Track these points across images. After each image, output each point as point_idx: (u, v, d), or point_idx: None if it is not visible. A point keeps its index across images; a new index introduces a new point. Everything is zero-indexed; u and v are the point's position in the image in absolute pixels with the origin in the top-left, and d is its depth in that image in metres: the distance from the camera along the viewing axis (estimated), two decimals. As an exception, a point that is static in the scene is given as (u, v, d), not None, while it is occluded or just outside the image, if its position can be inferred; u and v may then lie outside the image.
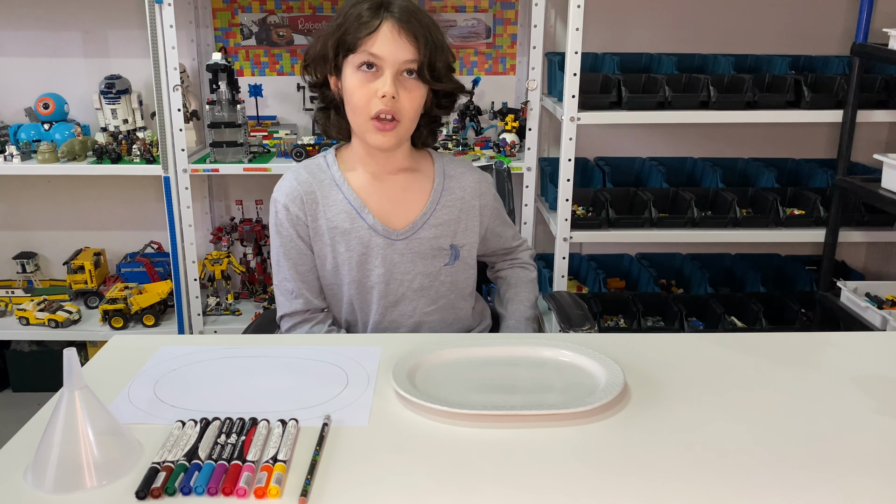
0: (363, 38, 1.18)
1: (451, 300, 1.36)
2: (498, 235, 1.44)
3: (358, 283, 1.32)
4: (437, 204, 1.32)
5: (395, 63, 1.18)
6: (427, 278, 1.33)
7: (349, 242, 1.29)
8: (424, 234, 1.31)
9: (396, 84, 1.19)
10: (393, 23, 1.17)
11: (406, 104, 1.21)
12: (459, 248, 1.34)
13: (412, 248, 1.31)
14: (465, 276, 1.38)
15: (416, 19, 1.19)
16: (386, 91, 1.18)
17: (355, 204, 1.29)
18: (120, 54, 2.51)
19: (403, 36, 1.17)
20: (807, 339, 1.19)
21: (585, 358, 1.06)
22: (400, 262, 1.31)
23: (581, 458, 0.83)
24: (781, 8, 2.49)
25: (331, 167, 1.32)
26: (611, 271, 2.59)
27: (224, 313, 2.52)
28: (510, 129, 2.40)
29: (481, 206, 1.37)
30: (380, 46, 1.17)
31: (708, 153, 2.59)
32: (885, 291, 2.06)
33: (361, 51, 1.18)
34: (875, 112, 2.14)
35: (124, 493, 0.77)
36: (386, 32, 1.17)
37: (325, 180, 1.30)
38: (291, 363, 1.07)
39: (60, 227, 2.69)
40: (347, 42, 1.19)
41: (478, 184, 1.37)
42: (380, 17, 1.18)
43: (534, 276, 1.50)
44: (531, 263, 1.52)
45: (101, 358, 1.10)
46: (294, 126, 2.57)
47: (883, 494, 0.78)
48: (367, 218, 1.28)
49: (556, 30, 2.50)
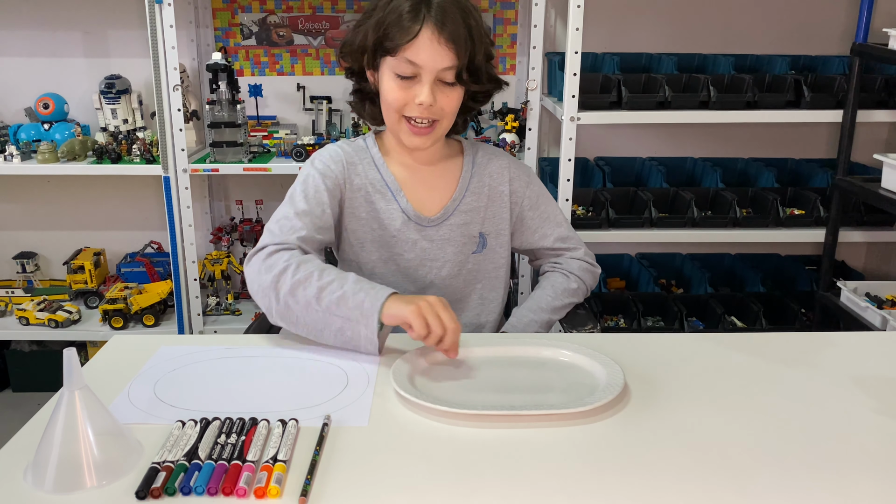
0: (403, 44, 1.15)
1: (477, 289, 1.36)
2: (534, 231, 1.39)
3: (384, 263, 1.31)
4: (466, 190, 1.32)
5: (433, 71, 1.17)
6: (455, 266, 1.33)
7: (381, 221, 1.29)
8: (454, 220, 1.32)
9: (434, 89, 1.18)
10: (433, 27, 1.14)
11: (445, 107, 1.21)
12: (487, 235, 1.34)
13: (442, 235, 1.31)
14: (494, 265, 1.37)
15: (455, 20, 1.15)
16: (423, 100, 1.18)
17: (392, 186, 1.29)
18: (120, 54, 2.51)
19: (443, 43, 1.15)
20: (807, 339, 1.19)
21: (585, 358, 1.06)
22: (430, 249, 1.31)
23: (581, 458, 0.83)
24: (781, 8, 2.49)
25: (371, 149, 1.32)
26: (611, 271, 2.59)
27: (224, 313, 2.52)
28: (510, 129, 2.40)
29: (511, 193, 1.35)
30: (420, 54, 1.15)
31: (708, 153, 2.59)
32: (885, 291, 2.06)
33: (400, 57, 1.16)
34: (875, 112, 2.14)
35: (124, 493, 0.77)
36: (425, 39, 1.14)
37: (365, 159, 1.31)
38: (291, 363, 1.07)
39: (60, 227, 2.69)
40: (385, 45, 1.17)
41: (506, 170, 1.35)
42: (420, 20, 1.14)
43: (574, 286, 1.39)
44: (576, 275, 1.40)
45: (101, 358, 1.10)
46: (294, 126, 2.57)
47: (883, 494, 0.78)
48: (402, 201, 1.29)
49: (556, 30, 2.50)
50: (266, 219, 2.63)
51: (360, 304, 1.05)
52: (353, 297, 1.05)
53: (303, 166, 1.31)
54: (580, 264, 1.43)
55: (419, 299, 1.04)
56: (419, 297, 1.04)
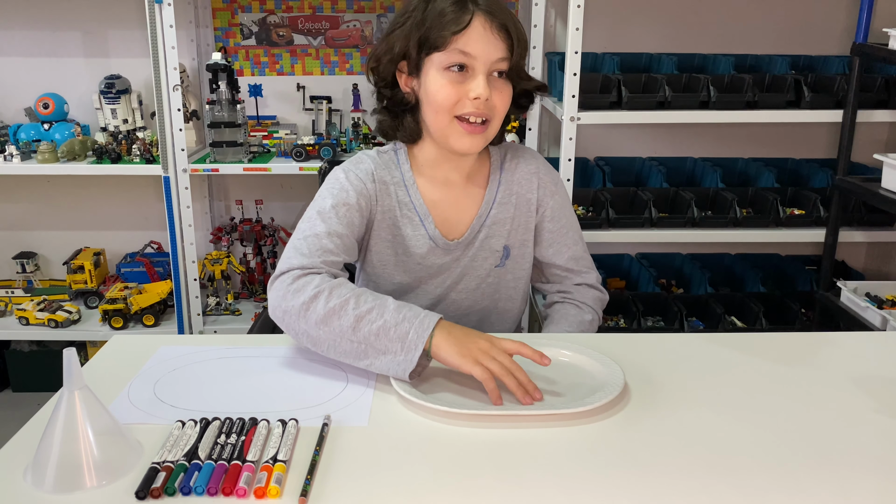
0: (453, 34, 1.08)
1: (494, 300, 1.30)
2: (548, 245, 1.31)
3: (401, 285, 1.26)
4: (493, 203, 1.26)
5: (487, 62, 1.10)
6: (474, 280, 1.27)
7: (407, 247, 1.24)
8: (480, 236, 1.26)
9: (489, 84, 1.11)
10: (484, 17, 1.09)
11: (499, 104, 1.14)
12: (511, 247, 1.28)
13: (467, 254, 1.26)
14: (514, 276, 1.30)
15: (505, 12, 1.11)
16: (480, 93, 1.10)
17: (420, 211, 1.23)
18: (120, 54, 2.51)
19: (496, 31, 1.09)
20: (807, 339, 1.19)
21: (585, 358, 1.06)
22: (451, 266, 1.26)
23: (581, 458, 0.83)
24: (781, 8, 2.49)
25: (402, 166, 1.24)
26: (611, 271, 2.59)
27: (224, 313, 2.52)
28: (510, 129, 2.40)
29: (539, 200, 1.28)
30: (472, 44, 1.09)
31: (708, 153, 2.59)
32: (885, 291, 2.06)
33: (452, 49, 1.09)
34: (875, 112, 2.14)
35: (124, 493, 0.77)
36: (478, 28, 1.09)
37: (395, 177, 1.23)
38: (291, 363, 1.07)
39: (60, 227, 2.69)
40: (432, 39, 1.10)
41: (534, 175, 1.27)
42: (469, 10, 1.09)
43: (589, 318, 1.29)
44: (589, 304, 1.31)
45: (101, 358, 1.09)
46: (294, 126, 2.57)
47: (883, 494, 0.78)
48: (429, 227, 1.23)
49: (556, 30, 2.50)
50: (266, 218, 2.64)
51: (403, 334, 0.97)
52: (395, 331, 0.97)
53: (334, 173, 1.23)
54: (593, 294, 1.33)
55: (470, 343, 0.96)
56: (468, 339, 0.97)
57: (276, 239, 2.62)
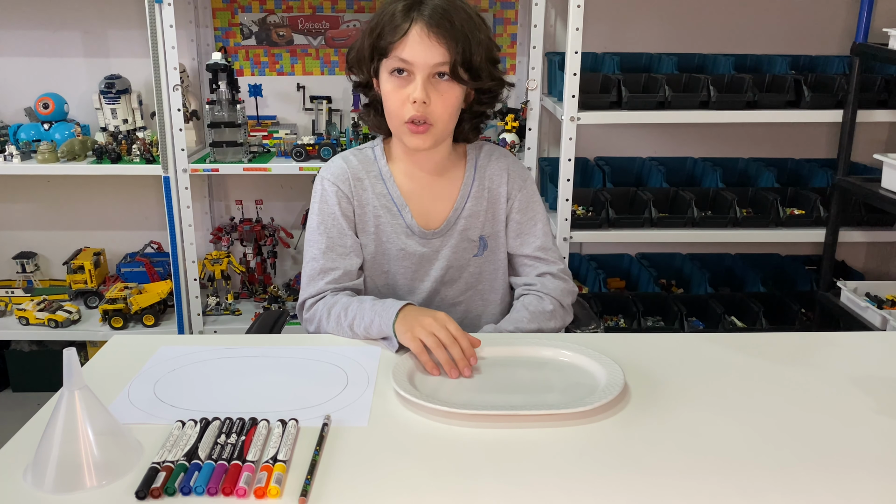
0: (394, 42, 1.17)
1: (479, 290, 1.37)
2: (516, 235, 1.36)
3: (386, 276, 1.33)
4: (468, 196, 1.33)
5: (425, 67, 1.17)
6: (456, 270, 1.34)
7: (387, 236, 1.31)
8: (457, 227, 1.33)
9: (428, 88, 1.18)
10: (422, 25, 1.16)
11: (439, 108, 1.20)
12: (487, 238, 1.35)
13: (445, 244, 1.33)
14: (494, 266, 1.37)
15: (448, 18, 1.16)
16: (416, 97, 1.18)
17: (398, 202, 1.31)
18: (120, 54, 2.51)
19: (433, 38, 1.16)
20: (807, 339, 1.19)
21: (585, 358, 1.06)
22: (431, 257, 1.32)
23: (581, 458, 0.83)
24: (781, 8, 2.49)
25: (378, 160, 1.33)
26: (611, 271, 2.59)
27: (224, 313, 2.52)
28: (510, 129, 2.40)
29: (508, 193, 1.35)
30: (409, 51, 1.16)
31: (708, 153, 2.59)
32: (885, 291, 2.06)
33: (392, 56, 1.18)
34: (875, 112, 2.14)
35: (124, 493, 0.77)
36: (415, 36, 1.16)
37: (372, 171, 1.32)
38: (291, 363, 1.07)
39: (60, 226, 2.69)
40: (380, 47, 1.19)
41: (504, 171, 1.35)
42: (410, 19, 1.16)
43: (550, 308, 1.30)
44: (551, 295, 1.32)
45: (101, 358, 1.10)
46: (294, 126, 2.56)
47: (883, 494, 0.78)
48: (407, 217, 1.31)
49: (556, 30, 2.50)
50: (266, 218, 2.64)
51: (380, 329, 1.14)
52: (374, 327, 1.15)
53: (315, 181, 1.33)
54: (556, 284, 1.35)
55: (414, 320, 1.09)
56: (415, 317, 1.10)
57: (276, 239, 2.62)
